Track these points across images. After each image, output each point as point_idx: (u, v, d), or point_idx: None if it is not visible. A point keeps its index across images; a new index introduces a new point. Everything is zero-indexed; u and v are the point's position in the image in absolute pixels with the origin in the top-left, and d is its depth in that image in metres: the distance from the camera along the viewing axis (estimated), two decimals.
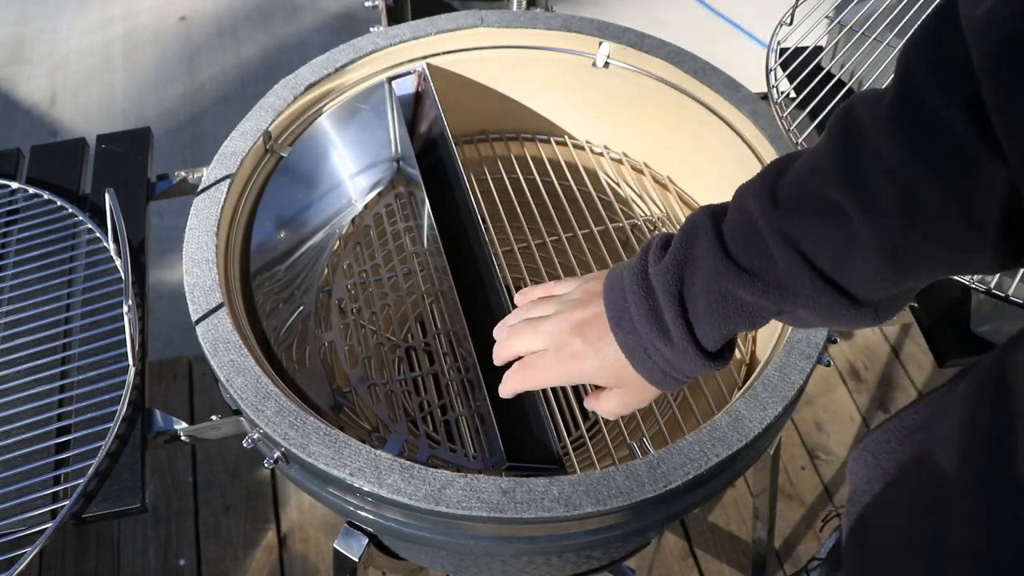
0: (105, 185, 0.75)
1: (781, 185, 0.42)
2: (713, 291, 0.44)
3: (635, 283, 0.47)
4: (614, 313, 0.47)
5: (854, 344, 1.35)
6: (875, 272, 0.41)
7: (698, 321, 0.45)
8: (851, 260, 0.41)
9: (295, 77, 0.75)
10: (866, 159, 0.38)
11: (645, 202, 0.84)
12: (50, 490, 0.59)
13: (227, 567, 1.12)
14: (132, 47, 1.84)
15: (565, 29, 0.79)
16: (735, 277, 0.43)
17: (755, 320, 0.45)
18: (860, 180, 0.38)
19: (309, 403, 0.63)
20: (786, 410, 0.56)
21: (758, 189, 0.43)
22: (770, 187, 0.43)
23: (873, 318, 0.44)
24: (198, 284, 0.62)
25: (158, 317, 0.82)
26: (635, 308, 0.46)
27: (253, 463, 1.19)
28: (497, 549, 0.56)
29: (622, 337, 0.47)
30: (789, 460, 1.22)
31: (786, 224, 0.41)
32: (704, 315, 0.45)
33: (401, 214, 0.81)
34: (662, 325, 0.46)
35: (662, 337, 0.46)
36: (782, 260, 0.42)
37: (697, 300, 0.45)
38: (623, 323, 0.47)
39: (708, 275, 0.44)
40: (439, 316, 0.79)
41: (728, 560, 1.13)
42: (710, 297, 0.44)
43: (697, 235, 0.45)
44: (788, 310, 0.44)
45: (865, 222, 0.39)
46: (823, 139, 0.41)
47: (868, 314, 0.44)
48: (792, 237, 0.41)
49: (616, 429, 0.70)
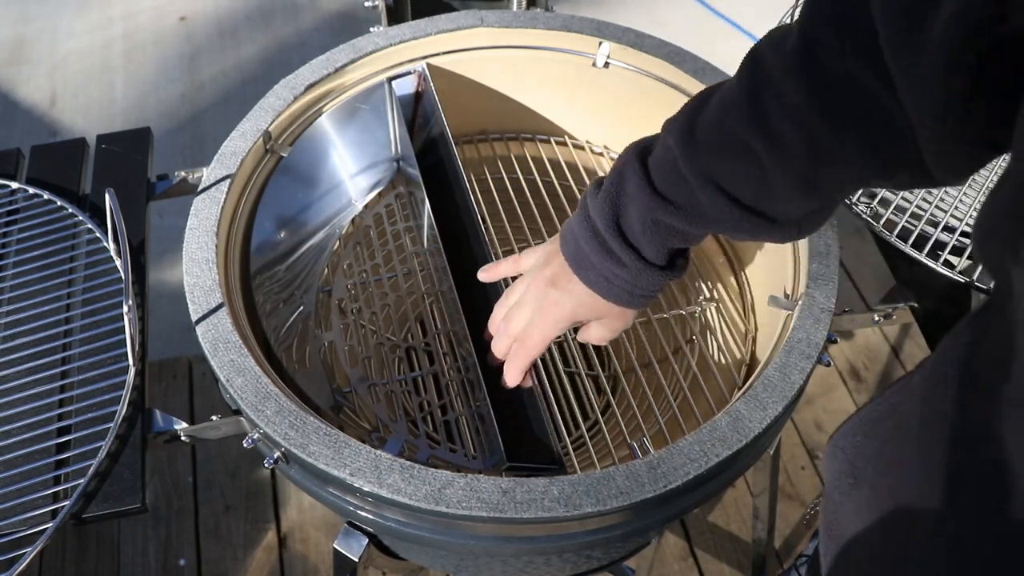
0: (105, 185, 0.75)
1: (699, 123, 0.46)
2: (646, 220, 0.50)
3: (582, 226, 0.53)
4: (572, 257, 0.54)
5: (854, 344, 1.35)
6: (789, 199, 0.45)
7: (640, 245, 0.51)
8: (767, 192, 0.45)
9: (295, 77, 0.75)
10: (771, 100, 0.41)
11: None
12: (50, 490, 0.59)
13: (227, 567, 1.12)
14: (132, 47, 1.84)
15: (565, 29, 0.79)
16: (663, 208, 0.48)
17: (689, 240, 0.51)
18: (766, 120, 0.42)
19: (309, 403, 0.63)
20: (786, 410, 0.56)
21: (679, 127, 0.47)
22: (690, 124, 0.46)
23: (797, 234, 0.49)
24: (198, 284, 0.62)
25: (158, 317, 0.82)
26: (587, 247, 0.52)
27: (253, 463, 1.20)
28: (497, 549, 0.56)
29: (584, 274, 0.54)
30: (789, 460, 1.22)
31: (704, 162, 0.46)
32: (643, 240, 0.51)
33: (401, 214, 0.81)
34: (612, 255, 0.52)
35: (616, 264, 0.52)
36: (703, 195, 0.47)
37: (634, 228, 0.50)
38: (582, 263, 0.53)
39: (640, 207, 0.49)
40: (439, 316, 0.79)
41: (728, 560, 1.13)
42: (644, 226, 0.50)
43: (626, 173, 0.50)
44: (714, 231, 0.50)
45: (772, 160, 0.43)
46: (734, 78, 0.45)
47: (792, 231, 0.48)
48: (710, 174, 0.46)
49: (616, 429, 0.70)
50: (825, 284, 0.62)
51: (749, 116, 0.42)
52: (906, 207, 0.77)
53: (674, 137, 0.47)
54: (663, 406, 0.72)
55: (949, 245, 0.75)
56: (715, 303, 0.76)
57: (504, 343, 0.60)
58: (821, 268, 0.63)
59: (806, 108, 0.40)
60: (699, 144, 0.46)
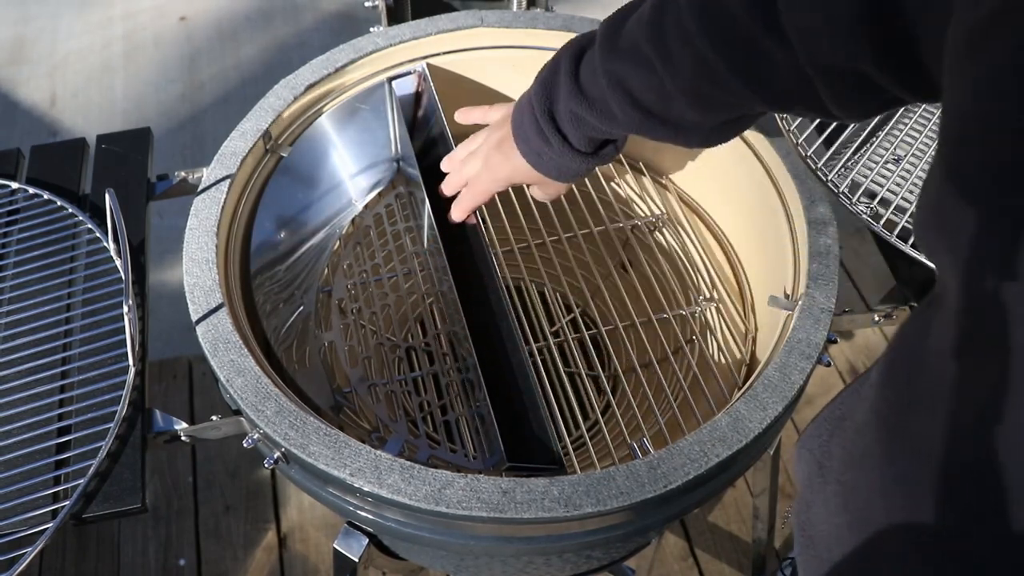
0: (105, 185, 0.75)
1: (623, 29, 0.50)
2: (569, 110, 0.55)
3: (527, 104, 0.58)
4: (517, 129, 0.60)
5: (854, 344, 1.35)
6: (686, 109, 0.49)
7: (567, 132, 0.56)
8: (665, 100, 0.49)
9: (295, 77, 0.75)
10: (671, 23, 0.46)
11: (645, 202, 0.84)
12: (50, 490, 0.59)
13: (227, 567, 1.12)
14: (132, 47, 1.84)
15: (565, 29, 0.79)
16: (579, 102, 0.54)
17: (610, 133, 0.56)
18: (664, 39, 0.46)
19: (309, 403, 0.63)
20: (786, 410, 0.56)
21: (605, 29, 0.52)
22: (615, 28, 0.51)
23: (705, 141, 0.54)
24: (198, 284, 0.62)
25: (158, 317, 0.82)
26: (527, 122, 0.58)
27: (253, 463, 1.20)
28: (497, 549, 0.56)
29: (521, 146, 0.60)
30: (789, 460, 1.22)
31: (614, 65, 0.50)
32: (569, 128, 0.56)
33: (401, 214, 0.81)
34: (544, 136, 0.57)
35: (545, 144, 0.58)
36: (611, 95, 0.51)
37: (561, 115, 0.56)
38: (521, 136, 0.59)
39: (566, 97, 0.54)
40: (439, 316, 0.79)
41: (728, 560, 1.13)
42: (568, 115, 0.55)
43: (560, 63, 0.55)
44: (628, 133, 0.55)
45: (666, 72, 0.47)
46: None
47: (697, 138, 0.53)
48: (619, 77, 0.50)
49: (616, 429, 0.70)
50: (825, 284, 0.62)
51: (651, 31, 0.47)
52: (906, 207, 0.77)
53: (599, 38, 0.52)
54: (663, 406, 0.72)
55: None
56: (715, 303, 0.76)
57: (456, 181, 0.68)
58: (821, 268, 0.63)
59: (696, 37, 0.44)
60: (616, 48, 0.50)
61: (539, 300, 0.78)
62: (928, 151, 0.84)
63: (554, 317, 0.79)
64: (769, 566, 1.10)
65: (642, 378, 0.71)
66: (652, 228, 0.82)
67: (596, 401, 0.72)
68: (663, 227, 0.82)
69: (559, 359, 0.72)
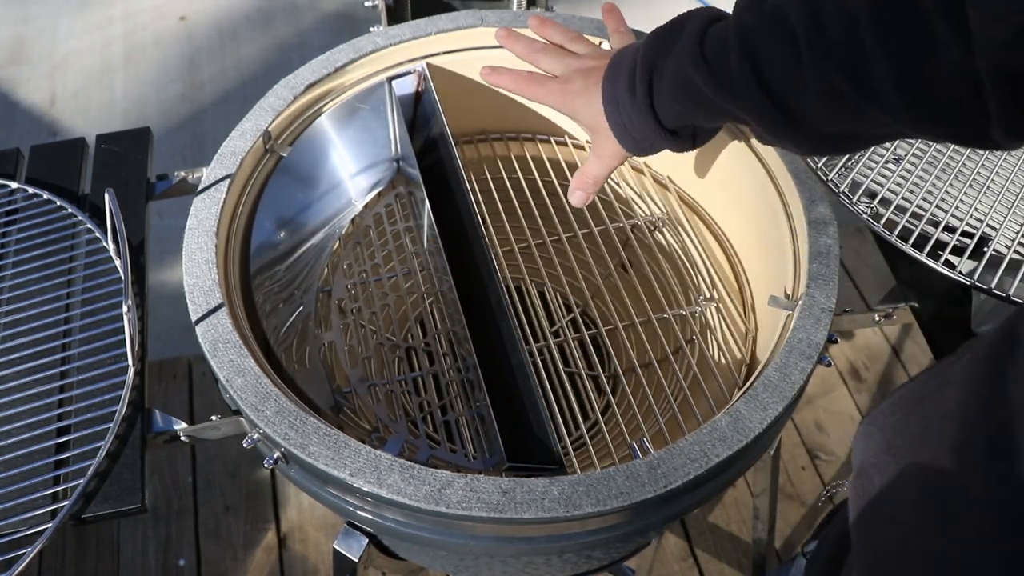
0: (105, 185, 0.75)
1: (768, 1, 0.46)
2: (678, 71, 0.51)
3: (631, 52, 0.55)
4: (612, 66, 0.57)
5: (854, 344, 1.35)
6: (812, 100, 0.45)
7: (660, 92, 0.53)
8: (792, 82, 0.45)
9: (295, 77, 0.75)
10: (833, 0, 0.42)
11: (645, 202, 0.84)
12: (50, 490, 0.59)
13: (227, 567, 1.12)
14: (132, 47, 1.84)
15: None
16: (697, 64, 0.49)
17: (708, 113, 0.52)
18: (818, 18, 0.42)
19: (309, 403, 0.63)
20: (786, 410, 0.56)
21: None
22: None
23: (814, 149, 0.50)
24: (198, 284, 0.62)
25: (158, 317, 0.82)
26: (625, 66, 0.55)
27: (253, 463, 1.20)
28: (497, 549, 0.56)
29: (606, 84, 0.57)
30: (789, 460, 1.22)
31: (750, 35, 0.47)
32: (667, 88, 0.52)
33: (401, 214, 0.81)
34: (632, 84, 0.54)
35: (629, 93, 0.55)
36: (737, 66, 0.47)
37: (665, 74, 0.52)
38: (611, 75, 0.56)
39: (681, 57, 0.51)
40: (439, 316, 0.79)
41: (728, 560, 1.13)
42: (674, 75, 0.52)
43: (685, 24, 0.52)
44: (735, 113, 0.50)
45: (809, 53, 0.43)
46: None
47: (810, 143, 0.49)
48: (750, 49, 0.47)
49: (616, 429, 0.70)
50: (825, 284, 0.62)
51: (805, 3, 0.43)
52: (906, 207, 0.77)
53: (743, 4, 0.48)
54: (663, 406, 0.72)
55: (950, 245, 0.75)
56: (715, 303, 0.76)
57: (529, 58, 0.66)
58: (821, 268, 0.63)
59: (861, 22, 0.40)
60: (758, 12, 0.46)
61: (539, 300, 0.78)
62: (928, 151, 0.84)
63: (554, 317, 0.79)
64: (769, 566, 1.10)
65: (642, 378, 0.71)
66: (652, 228, 0.82)
67: (596, 401, 0.72)
68: (663, 227, 0.82)
69: (559, 359, 0.72)
